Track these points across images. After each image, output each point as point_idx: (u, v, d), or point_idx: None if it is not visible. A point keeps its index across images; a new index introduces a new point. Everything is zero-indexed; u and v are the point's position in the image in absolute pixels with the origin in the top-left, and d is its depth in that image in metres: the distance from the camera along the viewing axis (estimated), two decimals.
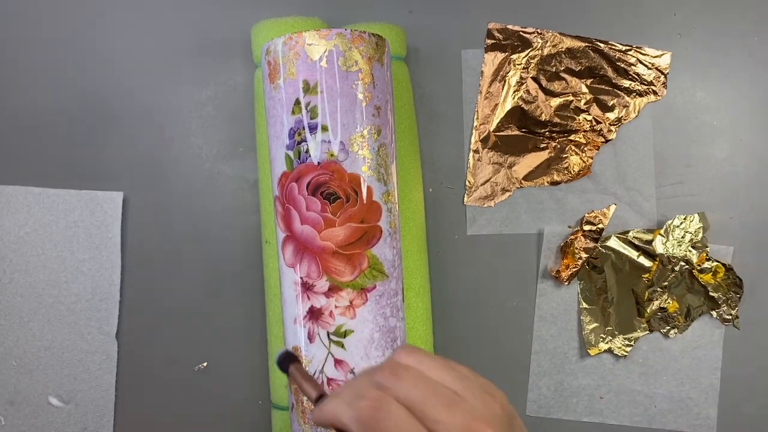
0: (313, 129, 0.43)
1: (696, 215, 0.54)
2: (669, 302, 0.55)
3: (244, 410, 0.54)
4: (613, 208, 0.55)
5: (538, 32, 0.56)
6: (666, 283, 0.54)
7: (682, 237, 0.54)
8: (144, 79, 0.55)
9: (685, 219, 0.54)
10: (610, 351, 0.55)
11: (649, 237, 0.55)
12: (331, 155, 0.43)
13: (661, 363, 0.55)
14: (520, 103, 0.56)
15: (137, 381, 0.54)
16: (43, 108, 0.55)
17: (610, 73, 0.56)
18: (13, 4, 0.55)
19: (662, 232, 0.54)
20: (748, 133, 0.56)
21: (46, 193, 0.53)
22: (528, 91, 0.56)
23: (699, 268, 0.54)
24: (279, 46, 0.43)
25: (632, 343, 0.55)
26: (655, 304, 0.55)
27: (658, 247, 0.54)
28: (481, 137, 0.56)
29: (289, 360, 0.39)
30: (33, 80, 0.55)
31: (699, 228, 0.54)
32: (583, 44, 0.56)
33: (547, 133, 0.56)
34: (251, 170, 0.55)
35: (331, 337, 0.43)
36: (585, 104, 0.56)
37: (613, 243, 0.55)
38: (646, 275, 0.55)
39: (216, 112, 0.56)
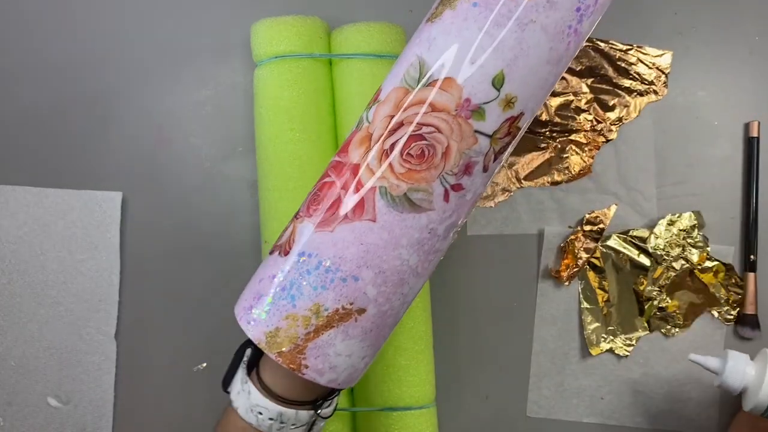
0: None
1: (687, 213, 0.54)
2: (669, 301, 0.55)
3: None
4: (614, 208, 0.55)
5: None
6: (667, 283, 0.54)
7: (676, 235, 0.54)
8: (143, 79, 0.55)
9: (678, 217, 0.54)
10: (611, 351, 0.54)
11: (644, 235, 0.55)
12: None
13: (661, 363, 0.55)
14: None
15: (136, 381, 0.54)
16: (43, 108, 0.55)
17: (610, 72, 0.56)
18: (12, 4, 0.55)
19: (655, 230, 0.54)
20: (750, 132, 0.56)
21: (44, 193, 0.53)
22: None
23: (700, 267, 0.54)
24: None
25: (633, 342, 0.54)
26: (656, 304, 0.54)
27: (651, 245, 0.54)
28: None
29: None
30: (32, 80, 0.55)
31: (693, 225, 0.54)
32: (584, 43, 0.56)
33: (547, 132, 0.56)
34: (251, 170, 0.55)
35: None
36: (586, 104, 0.56)
37: (614, 242, 0.55)
38: (647, 274, 0.54)
39: (216, 112, 0.55)
